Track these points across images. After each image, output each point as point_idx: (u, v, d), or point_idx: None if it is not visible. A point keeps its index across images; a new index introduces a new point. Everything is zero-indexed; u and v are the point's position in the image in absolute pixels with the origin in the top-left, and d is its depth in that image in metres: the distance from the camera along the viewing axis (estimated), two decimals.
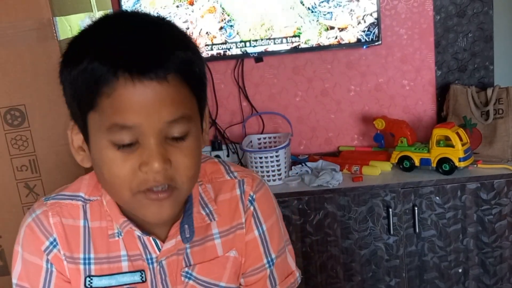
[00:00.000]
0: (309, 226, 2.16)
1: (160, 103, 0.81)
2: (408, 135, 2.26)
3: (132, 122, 0.81)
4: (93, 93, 0.81)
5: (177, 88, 0.83)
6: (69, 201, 0.98)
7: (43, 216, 0.96)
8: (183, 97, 0.84)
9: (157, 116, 0.81)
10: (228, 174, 1.03)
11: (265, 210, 1.03)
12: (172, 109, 0.82)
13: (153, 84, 0.80)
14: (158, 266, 0.98)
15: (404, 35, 2.49)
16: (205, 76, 0.91)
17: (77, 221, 0.97)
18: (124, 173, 0.84)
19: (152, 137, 0.82)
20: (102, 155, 0.85)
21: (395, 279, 2.20)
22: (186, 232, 0.97)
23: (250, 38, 2.39)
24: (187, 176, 0.87)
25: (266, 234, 1.03)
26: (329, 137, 2.60)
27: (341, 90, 2.55)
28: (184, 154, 0.85)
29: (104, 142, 0.84)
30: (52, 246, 0.96)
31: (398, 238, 2.16)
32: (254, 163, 2.25)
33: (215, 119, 2.58)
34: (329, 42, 2.38)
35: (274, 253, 1.04)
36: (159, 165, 0.82)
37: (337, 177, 2.18)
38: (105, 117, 0.82)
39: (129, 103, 0.80)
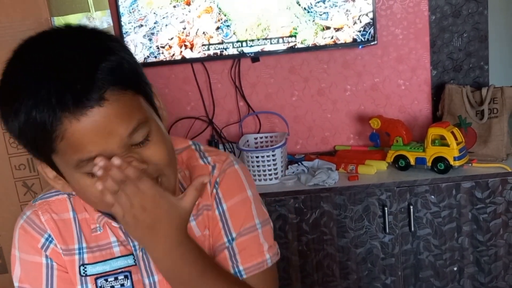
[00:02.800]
0: (305, 225, 2.18)
1: (111, 123, 0.81)
2: (404, 134, 2.27)
3: (94, 152, 0.82)
4: (46, 140, 0.82)
5: (119, 100, 0.82)
6: (56, 197, 1.01)
7: (34, 216, 0.99)
8: (130, 105, 0.84)
9: (114, 136, 0.82)
10: (202, 159, 1.05)
11: (227, 191, 1.04)
12: (126, 123, 0.83)
13: (96, 111, 0.80)
14: (141, 253, 1.00)
15: (399, 35, 2.51)
16: (136, 64, 0.90)
17: (66, 214, 1.00)
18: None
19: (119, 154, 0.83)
20: (80, 185, 0.87)
21: (391, 278, 2.21)
22: None
23: (246, 38, 2.40)
24: (166, 163, 0.89)
25: (227, 213, 1.03)
26: (325, 137, 2.62)
27: (337, 90, 2.57)
28: (153, 150, 0.87)
29: (77, 175, 0.86)
30: (48, 242, 0.99)
31: (393, 237, 2.18)
32: (251, 163, 2.26)
33: (212, 118, 2.59)
34: (325, 42, 2.39)
35: (235, 232, 1.03)
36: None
37: (333, 176, 2.19)
38: (68, 156, 0.83)
39: (83, 138, 0.80)
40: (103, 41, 0.87)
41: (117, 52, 0.85)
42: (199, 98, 2.58)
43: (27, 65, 0.83)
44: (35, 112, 0.79)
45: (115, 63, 0.83)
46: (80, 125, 0.79)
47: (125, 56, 0.87)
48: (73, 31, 0.88)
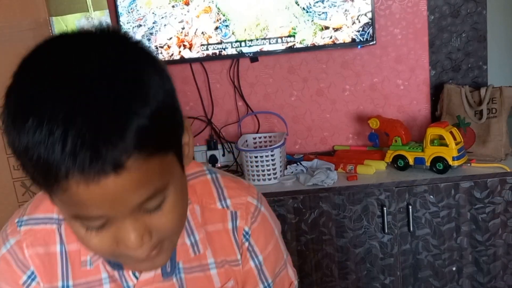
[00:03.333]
0: (304, 225, 2.18)
1: (123, 193, 0.67)
2: (403, 134, 2.27)
3: (96, 214, 0.70)
4: (46, 184, 0.68)
5: (141, 169, 0.67)
6: (43, 226, 0.89)
7: (17, 248, 0.89)
8: (151, 172, 0.69)
9: (123, 204, 0.69)
10: (220, 202, 0.93)
11: (261, 242, 0.96)
12: (140, 193, 0.69)
13: (110, 180, 0.65)
14: None
15: (398, 35, 2.51)
16: (173, 112, 0.74)
17: (53, 247, 0.90)
18: (102, 249, 0.75)
19: (124, 219, 0.71)
20: (74, 229, 0.75)
21: (390, 278, 2.21)
22: (167, 266, 0.90)
23: (245, 38, 2.40)
24: (174, 232, 0.79)
25: (263, 264, 0.97)
26: (324, 137, 2.62)
27: (336, 90, 2.57)
28: (163, 221, 0.74)
29: (71, 221, 0.74)
30: (31, 280, 0.90)
31: (392, 237, 2.18)
32: (249, 163, 2.26)
33: (211, 118, 2.59)
34: (324, 42, 2.39)
35: (270, 277, 0.99)
36: (138, 243, 0.72)
37: (332, 176, 2.19)
38: (66, 206, 0.71)
39: (87, 202, 0.67)
40: (143, 72, 0.70)
41: (156, 97, 0.68)
42: (198, 98, 2.58)
43: (45, 82, 0.66)
44: (42, 149, 0.64)
45: (148, 120, 0.66)
46: (88, 190, 0.66)
47: (163, 103, 0.70)
48: (106, 42, 0.71)
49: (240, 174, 2.39)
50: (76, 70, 0.66)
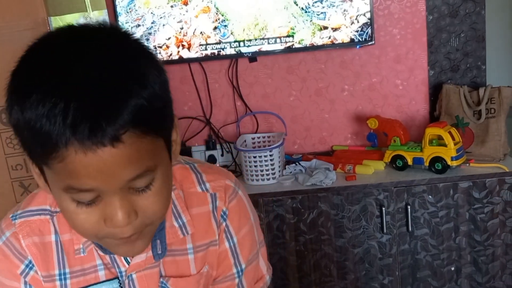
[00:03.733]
0: (303, 225, 2.18)
1: (117, 166, 0.72)
2: (401, 134, 2.27)
3: (88, 186, 0.74)
4: (44, 154, 0.73)
5: (135, 144, 0.73)
6: (37, 217, 0.92)
7: (14, 239, 0.92)
8: (144, 150, 0.74)
9: (114, 178, 0.73)
10: (200, 186, 0.97)
11: (237, 222, 0.99)
12: (132, 168, 0.74)
13: (106, 150, 0.70)
14: (127, 280, 0.95)
15: (397, 35, 2.51)
16: (167, 100, 0.81)
17: (48, 237, 0.92)
18: (88, 226, 0.79)
19: (113, 195, 0.75)
20: (63, 206, 0.79)
21: (388, 278, 2.21)
22: (158, 248, 0.93)
23: (244, 38, 2.40)
24: (157, 218, 0.82)
25: (237, 246, 1.00)
26: (323, 137, 2.62)
27: (334, 90, 2.56)
28: (150, 202, 0.79)
29: (63, 195, 0.77)
30: (29, 269, 0.92)
31: (391, 237, 2.18)
32: (248, 163, 2.26)
33: (209, 118, 2.59)
34: (322, 42, 2.39)
35: (244, 263, 1.01)
36: (123, 220, 0.76)
37: (330, 176, 2.19)
38: (60, 178, 0.74)
39: (82, 171, 0.72)
40: (140, 62, 0.77)
41: (151, 84, 0.75)
42: (196, 98, 2.58)
43: (51, 62, 0.73)
44: (44, 120, 0.70)
45: (145, 101, 0.73)
46: (84, 158, 0.70)
47: (158, 90, 0.76)
48: (108, 34, 0.78)
49: (239, 174, 2.39)
50: (80, 55, 0.73)
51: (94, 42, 0.75)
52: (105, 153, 0.71)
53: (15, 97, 0.74)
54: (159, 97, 0.76)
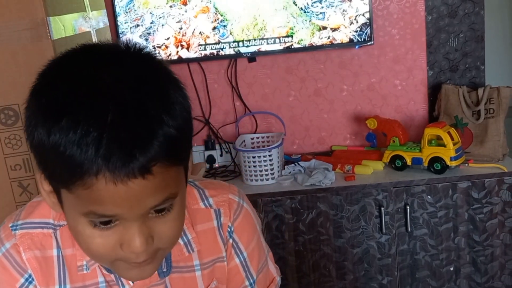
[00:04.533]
0: (302, 225, 2.18)
1: (144, 195, 0.73)
2: (400, 134, 2.27)
3: (112, 213, 0.73)
4: (67, 180, 0.72)
5: (162, 174, 0.73)
6: (40, 230, 0.90)
7: (14, 252, 0.89)
8: (169, 179, 0.75)
9: (140, 206, 0.74)
10: (203, 202, 0.96)
11: (245, 238, 0.98)
12: (157, 196, 0.74)
13: (136, 182, 0.71)
14: None
15: (396, 35, 2.51)
16: (191, 132, 0.82)
17: (50, 251, 0.90)
18: (103, 251, 0.78)
19: (134, 221, 0.75)
20: (78, 229, 0.77)
21: (387, 278, 2.21)
22: (163, 266, 0.92)
23: (243, 38, 2.40)
24: (170, 242, 0.82)
25: (247, 260, 0.99)
26: (322, 137, 2.62)
27: (333, 90, 2.56)
28: (168, 227, 0.79)
29: (79, 219, 0.76)
30: (28, 283, 0.90)
31: (390, 237, 2.18)
32: (247, 163, 2.25)
33: (208, 118, 2.59)
34: (321, 42, 2.39)
35: (255, 274, 1.01)
36: (141, 247, 0.76)
37: (329, 177, 2.19)
38: (82, 203, 0.73)
39: (109, 199, 0.71)
40: (169, 90, 0.76)
41: (180, 114, 0.74)
42: (195, 98, 2.58)
43: (82, 85, 0.71)
44: (75, 148, 0.68)
45: (174, 133, 0.73)
46: (113, 188, 0.70)
47: (185, 122, 0.76)
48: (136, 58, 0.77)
49: (238, 174, 2.39)
50: (108, 79, 0.71)
51: (125, 66, 0.74)
52: (135, 184, 0.70)
53: (41, 118, 0.72)
54: (186, 127, 0.77)
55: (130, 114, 0.70)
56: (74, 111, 0.69)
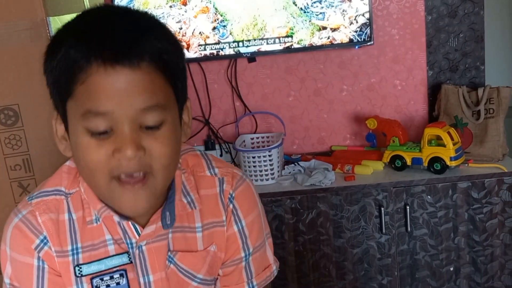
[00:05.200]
0: (301, 225, 2.17)
1: (132, 89, 0.82)
2: (400, 134, 2.27)
3: (105, 108, 0.82)
4: (70, 80, 0.84)
5: (151, 76, 0.84)
6: (53, 197, 0.99)
7: (30, 216, 0.97)
8: (157, 86, 0.85)
9: (129, 103, 0.83)
10: (209, 170, 1.05)
11: (244, 206, 1.05)
12: (145, 97, 0.84)
13: (125, 71, 0.81)
14: (138, 251, 1.00)
15: (396, 35, 2.51)
16: (184, 68, 0.93)
17: (62, 215, 0.98)
18: (98, 159, 0.85)
19: (125, 124, 0.83)
20: (78, 141, 0.87)
21: (387, 278, 2.21)
22: (167, 218, 0.98)
23: (243, 38, 2.40)
24: (162, 164, 0.88)
25: (245, 230, 1.05)
26: (322, 137, 2.62)
27: (333, 90, 2.56)
28: (159, 142, 0.86)
29: (79, 129, 0.86)
30: (43, 244, 0.97)
31: (390, 237, 2.18)
32: (247, 163, 2.25)
33: (208, 118, 2.59)
34: (321, 42, 2.39)
35: (251, 247, 1.07)
36: (131, 152, 0.83)
37: (329, 177, 2.19)
38: (80, 103, 0.84)
39: (102, 89, 0.82)
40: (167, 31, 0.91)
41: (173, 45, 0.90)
42: (195, 98, 2.58)
43: (86, 17, 0.88)
44: (73, 50, 0.83)
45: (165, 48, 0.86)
46: (105, 76, 0.81)
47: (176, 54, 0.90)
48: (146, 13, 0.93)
49: None
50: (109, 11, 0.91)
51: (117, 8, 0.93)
52: (123, 74, 0.81)
53: (51, 50, 0.88)
54: (175, 53, 0.89)
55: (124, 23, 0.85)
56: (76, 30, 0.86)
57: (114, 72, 0.81)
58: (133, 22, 0.86)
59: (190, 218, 1.02)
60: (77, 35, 0.85)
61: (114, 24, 0.85)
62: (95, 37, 0.83)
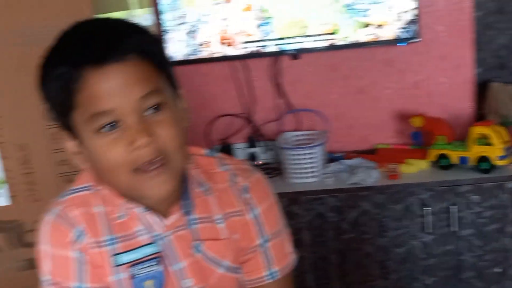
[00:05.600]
0: (344, 223, 2.16)
1: (127, 82, 0.87)
2: (446, 133, 2.23)
3: (107, 106, 0.87)
4: (68, 94, 0.88)
5: (140, 66, 0.89)
6: (82, 192, 1.03)
7: (64, 211, 1.01)
8: (148, 74, 0.90)
9: (128, 95, 0.88)
10: (221, 167, 1.10)
11: (258, 195, 1.09)
12: (141, 86, 0.89)
13: (115, 67, 0.86)
14: (164, 241, 1.04)
15: (443, 32, 2.47)
16: (168, 57, 0.98)
17: (94, 208, 1.02)
18: (117, 156, 0.90)
19: (130, 116, 0.88)
20: (93, 146, 0.91)
21: (431, 278, 2.18)
22: (187, 206, 1.04)
23: (286, 35, 2.39)
24: (174, 146, 0.93)
25: (260, 217, 1.09)
26: (366, 135, 2.59)
27: (378, 88, 2.54)
28: (164, 125, 0.91)
29: (91, 134, 0.90)
30: (79, 237, 1.01)
31: (434, 237, 2.15)
32: (289, 160, 2.25)
33: (251, 116, 2.59)
34: (366, 39, 2.36)
35: (268, 234, 1.10)
36: (144, 139, 0.88)
37: (373, 175, 2.17)
38: (84, 110, 0.89)
39: (99, 91, 0.86)
40: (145, 27, 0.95)
41: (153, 37, 0.95)
42: (238, 95, 2.59)
43: (62, 36, 0.91)
44: (61, 67, 0.87)
45: (146, 40, 0.92)
46: (98, 78, 0.86)
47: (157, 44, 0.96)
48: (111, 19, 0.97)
49: (280, 172, 2.39)
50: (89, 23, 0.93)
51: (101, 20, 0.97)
52: (114, 70, 0.86)
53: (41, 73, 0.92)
54: (156, 43, 0.95)
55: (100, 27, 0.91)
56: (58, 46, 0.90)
57: (105, 72, 0.86)
58: (111, 25, 0.92)
59: (210, 209, 1.07)
60: (60, 52, 0.90)
61: (94, 31, 0.90)
62: (79, 47, 0.87)
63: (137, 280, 1.02)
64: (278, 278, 1.11)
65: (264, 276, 1.11)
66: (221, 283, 1.09)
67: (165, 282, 1.04)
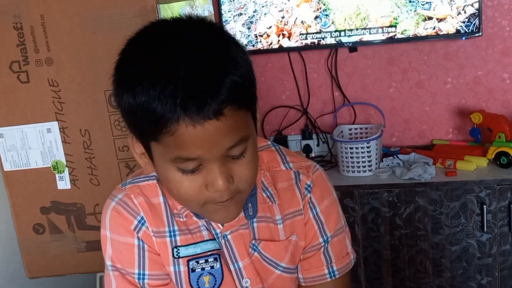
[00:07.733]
0: (398, 219, 2.14)
1: (219, 136, 0.84)
2: (507, 130, 2.18)
3: (195, 155, 0.85)
4: (155, 130, 0.84)
5: (233, 116, 0.84)
6: (146, 182, 1.03)
7: (126, 199, 1.01)
8: (239, 122, 0.86)
9: (217, 147, 0.85)
10: (284, 165, 1.08)
11: (319, 193, 1.08)
12: (231, 137, 0.86)
13: (211, 123, 0.82)
14: (223, 240, 1.03)
15: (506, 27, 2.40)
16: (254, 81, 0.92)
17: (156, 198, 1.02)
18: (192, 193, 0.89)
19: (214, 163, 0.86)
20: (168, 176, 0.90)
21: (487, 278, 2.14)
22: (250, 210, 1.03)
23: (345, 27, 2.38)
24: (248, 184, 0.93)
25: (321, 215, 1.08)
26: (423, 130, 2.55)
27: (437, 82, 2.49)
28: (244, 168, 0.90)
29: (169, 167, 0.88)
30: (141, 224, 1.01)
31: (491, 236, 2.10)
32: (344, 154, 2.24)
33: (307, 108, 2.59)
34: (426, 33, 2.33)
35: (329, 232, 1.08)
36: (223, 185, 0.87)
37: (429, 171, 2.14)
38: (168, 150, 0.86)
39: (190, 141, 0.83)
40: (230, 48, 0.88)
41: (242, 66, 0.86)
42: (294, 87, 2.59)
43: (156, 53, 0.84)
44: (157, 103, 0.81)
45: (239, 79, 0.85)
46: (193, 131, 0.82)
47: (247, 72, 0.88)
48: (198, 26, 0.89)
49: (334, 165, 2.38)
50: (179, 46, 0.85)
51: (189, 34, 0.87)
52: (210, 125, 0.82)
53: (125, 85, 0.86)
54: (248, 76, 0.88)
55: (199, 68, 0.82)
56: (152, 74, 0.82)
57: (201, 127, 0.82)
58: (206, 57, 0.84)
59: (271, 211, 1.06)
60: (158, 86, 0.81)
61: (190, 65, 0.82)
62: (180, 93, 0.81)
63: (195, 275, 1.03)
64: (336, 277, 1.09)
65: (325, 274, 1.09)
66: (278, 283, 1.08)
67: (223, 281, 1.04)
